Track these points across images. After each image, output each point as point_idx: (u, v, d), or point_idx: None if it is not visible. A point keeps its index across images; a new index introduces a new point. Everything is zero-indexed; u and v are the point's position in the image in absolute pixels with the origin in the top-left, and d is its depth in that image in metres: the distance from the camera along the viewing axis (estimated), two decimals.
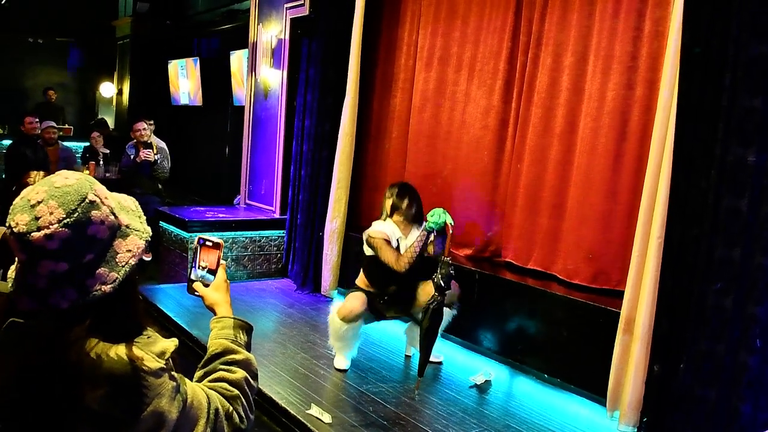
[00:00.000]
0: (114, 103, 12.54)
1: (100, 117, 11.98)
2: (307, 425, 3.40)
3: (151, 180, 6.87)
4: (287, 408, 3.56)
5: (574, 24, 4.06)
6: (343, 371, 4.12)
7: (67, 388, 1.17)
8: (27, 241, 1.18)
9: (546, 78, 4.22)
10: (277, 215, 6.68)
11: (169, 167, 7.08)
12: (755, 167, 2.91)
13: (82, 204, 1.21)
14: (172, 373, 1.29)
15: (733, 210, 2.95)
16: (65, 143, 8.15)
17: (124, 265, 1.25)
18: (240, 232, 6.32)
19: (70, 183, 1.22)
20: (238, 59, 8.41)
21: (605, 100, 3.88)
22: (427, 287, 4.08)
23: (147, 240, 1.31)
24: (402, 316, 4.32)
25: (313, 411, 3.50)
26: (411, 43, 5.36)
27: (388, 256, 3.94)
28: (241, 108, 7.66)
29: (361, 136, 5.68)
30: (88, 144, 8.95)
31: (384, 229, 4.04)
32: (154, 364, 1.23)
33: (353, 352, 4.20)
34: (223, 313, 1.62)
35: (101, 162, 8.28)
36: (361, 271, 4.21)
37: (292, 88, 6.44)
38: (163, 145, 7.10)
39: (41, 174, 2.77)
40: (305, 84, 6.06)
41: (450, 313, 4.09)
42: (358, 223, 5.67)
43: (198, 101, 9.91)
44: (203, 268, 1.66)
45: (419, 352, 3.85)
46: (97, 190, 1.25)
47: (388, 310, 4.19)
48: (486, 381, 4.12)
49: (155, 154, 6.80)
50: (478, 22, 4.73)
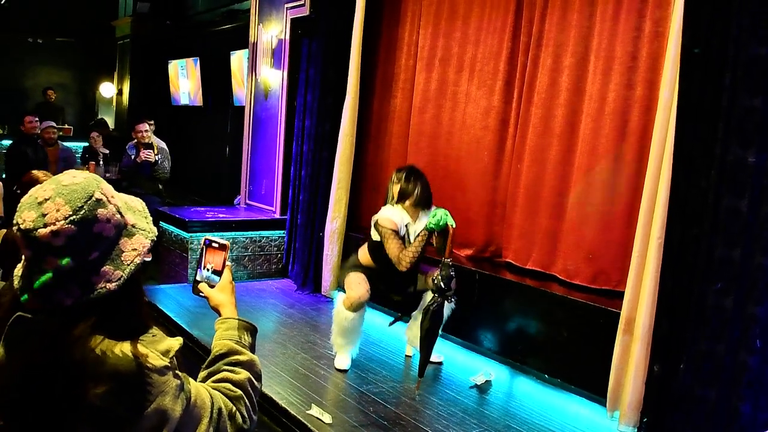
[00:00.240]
0: (114, 104, 12.54)
1: (99, 117, 11.98)
2: (308, 425, 3.40)
3: (151, 180, 6.88)
4: (287, 408, 3.56)
5: (575, 24, 4.06)
6: (344, 371, 4.12)
7: (71, 385, 1.18)
8: (33, 237, 1.19)
9: (546, 78, 4.22)
10: (277, 215, 6.68)
11: (170, 167, 7.09)
12: (755, 167, 2.91)
13: (89, 202, 1.22)
14: (176, 371, 1.29)
15: (733, 210, 2.96)
16: (65, 143, 8.15)
17: (129, 264, 1.26)
18: (240, 233, 6.32)
19: (77, 181, 1.24)
20: (238, 59, 8.41)
21: (605, 100, 3.88)
22: (429, 278, 4.08)
23: (153, 240, 1.32)
24: (402, 302, 4.27)
25: (314, 411, 3.50)
26: (411, 44, 5.36)
27: (392, 248, 3.88)
28: (242, 108, 7.67)
29: (361, 136, 5.68)
30: (87, 144, 8.96)
31: (393, 217, 3.95)
32: (158, 362, 1.24)
33: (356, 348, 4.19)
34: (228, 314, 1.63)
35: (101, 162, 8.28)
36: (366, 250, 4.14)
37: (292, 88, 6.44)
38: (164, 145, 7.11)
39: (49, 174, 2.78)
40: (305, 84, 6.06)
41: (448, 306, 4.02)
42: (359, 223, 5.68)
43: (198, 101, 9.91)
44: (209, 269, 1.66)
45: (419, 352, 3.85)
46: (104, 189, 1.27)
47: (390, 292, 4.17)
48: (486, 381, 4.12)
49: (156, 155, 6.81)
50: (479, 22, 4.73)
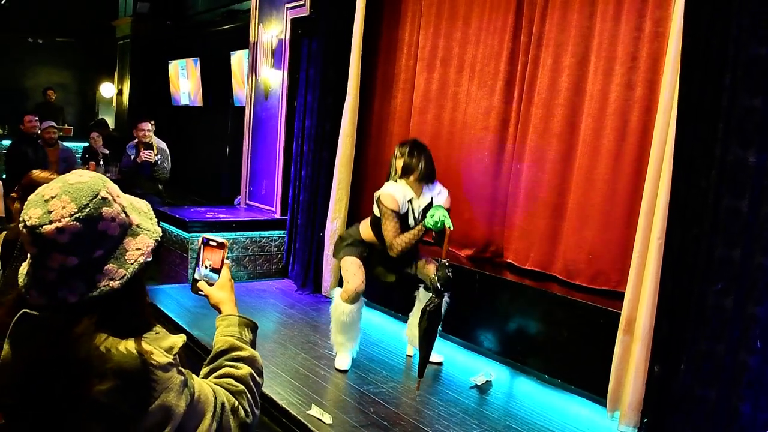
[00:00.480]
0: (114, 104, 12.54)
1: (100, 117, 11.99)
2: (308, 426, 3.40)
3: (151, 180, 6.87)
4: (288, 408, 3.56)
5: (575, 24, 4.06)
6: (344, 372, 4.12)
7: (76, 382, 1.19)
8: (39, 234, 1.20)
9: (546, 78, 4.22)
10: (277, 216, 6.68)
11: (170, 168, 7.08)
12: (755, 167, 2.91)
13: (94, 200, 1.23)
14: (180, 368, 1.31)
15: (734, 210, 2.96)
16: (65, 144, 8.15)
17: (132, 263, 1.28)
18: (240, 233, 6.31)
19: (83, 180, 1.26)
20: (238, 59, 8.41)
21: (606, 100, 3.88)
22: (429, 265, 4.10)
23: (157, 240, 1.34)
24: (395, 284, 4.24)
25: (314, 411, 3.50)
26: (412, 44, 5.35)
27: (388, 231, 3.86)
28: (242, 108, 7.67)
29: (361, 136, 5.67)
30: (87, 144, 8.96)
31: (395, 194, 3.91)
32: (162, 358, 1.26)
33: (356, 347, 4.18)
34: (229, 311, 1.64)
35: (101, 162, 8.28)
36: (368, 225, 4.11)
37: (292, 88, 6.44)
38: (164, 145, 7.11)
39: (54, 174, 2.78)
40: (306, 84, 6.06)
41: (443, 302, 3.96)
42: None
43: (198, 101, 9.92)
44: (207, 267, 1.67)
45: (419, 352, 3.85)
46: (110, 188, 1.28)
47: (386, 274, 4.15)
48: (486, 381, 4.11)
49: (155, 155, 6.81)
50: (479, 22, 4.73)
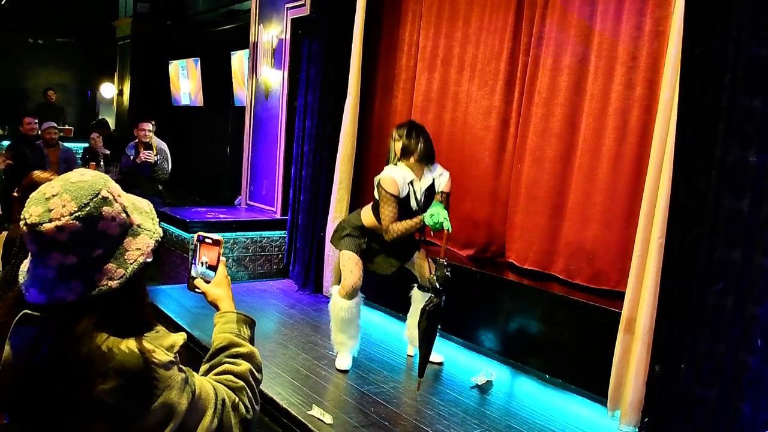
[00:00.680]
0: (114, 104, 12.54)
1: (101, 117, 11.99)
2: (309, 426, 3.39)
3: (151, 181, 6.88)
4: (288, 409, 3.56)
5: (575, 24, 4.06)
6: (345, 372, 4.12)
7: (78, 381, 1.20)
8: (38, 232, 1.20)
9: (547, 78, 4.21)
10: (278, 216, 6.68)
11: (170, 168, 7.09)
12: (755, 168, 2.91)
13: (95, 199, 1.24)
14: (181, 365, 1.32)
15: (734, 210, 2.95)
16: (66, 144, 8.15)
17: (132, 263, 1.28)
18: (241, 233, 6.31)
19: (85, 179, 1.26)
20: (239, 60, 8.40)
21: (606, 100, 3.88)
22: (424, 263, 4.12)
23: (157, 240, 1.34)
24: (393, 274, 4.21)
25: (315, 412, 3.50)
26: (412, 44, 5.35)
27: (386, 215, 3.86)
28: (242, 108, 7.66)
29: (362, 136, 5.67)
30: (87, 145, 8.96)
31: (395, 177, 3.88)
32: (164, 357, 1.26)
33: (356, 346, 4.17)
34: (226, 308, 1.65)
35: (101, 163, 8.28)
36: (370, 211, 4.08)
37: (293, 88, 6.44)
38: (164, 146, 7.11)
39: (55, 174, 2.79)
40: (306, 84, 6.06)
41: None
42: None
43: (199, 102, 9.92)
44: (204, 265, 1.67)
45: (419, 352, 3.85)
46: (111, 188, 1.29)
47: (385, 266, 4.13)
48: (487, 381, 4.11)
49: (155, 155, 6.81)
50: (480, 22, 4.73)
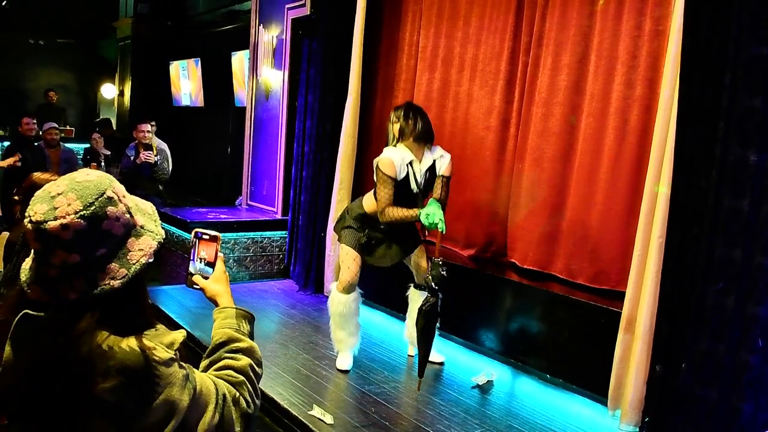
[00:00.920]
0: (115, 105, 12.55)
1: (104, 117, 12.02)
2: (309, 426, 3.39)
3: (151, 181, 6.88)
4: (289, 409, 3.56)
5: (574, 23, 4.06)
6: (346, 372, 4.11)
7: (79, 380, 1.21)
8: (43, 230, 1.21)
9: (547, 78, 4.21)
10: (279, 216, 6.68)
11: (170, 169, 7.09)
12: (756, 167, 2.90)
13: (100, 199, 1.25)
14: (181, 362, 1.32)
15: (734, 210, 2.95)
16: (67, 145, 8.16)
17: (134, 263, 1.29)
18: (242, 233, 6.31)
19: (90, 179, 1.27)
20: (239, 60, 8.41)
21: (606, 99, 3.88)
22: (421, 260, 4.13)
23: (159, 242, 1.35)
24: (392, 264, 4.18)
25: (315, 412, 3.50)
26: (412, 44, 5.35)
27: (383, 196, 3.83)
28: (243, 109, 7.67)
29: (363, 136, 5.67)
30: (89, 145, 8.96)
31: (394, 158, 3.86)
32: (164, 354, 1.27)
33: (357, 345, 4.16)
34: (225, 304, 1.65)
35: (102, 163, 8.28)
36: (372, 197, 4.05)
37: (293, 88, 6.43)
38: (164, 146, 7.11)
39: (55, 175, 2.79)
40: (306, 85, 6.06)
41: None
42: None
43: (199, 102, 9.92)
44: (202, 261, 1.68)
45: (418, 352, 3.84)
46: (116, 188, 1.30)
47: (384, 258, 4.11)
48: (488, 381, 4.10)
49: (155, 156, 6.82)
50: (480, 22, 4.73)
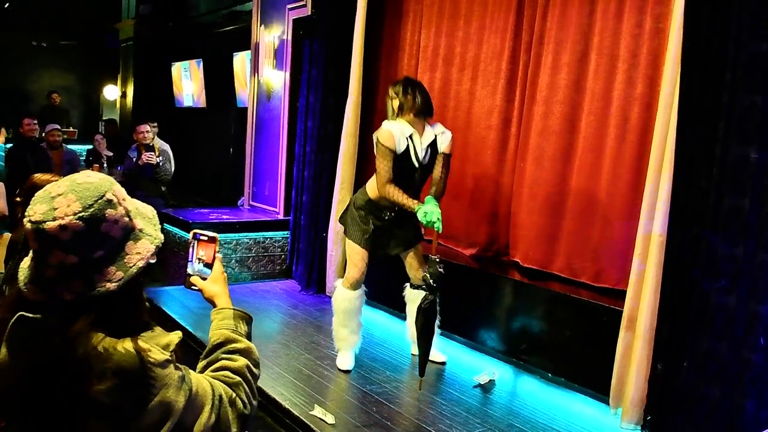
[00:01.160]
0: (118, 106, 12.57)
1: (110, 118, 12.07)
2: (311, 426, 3.39)
3: (154, 182, 6.89)
4: (291, 409, 3.56)
5: (575, 22, 4.05)
6: (347, 372, 4.11)
7: (75, 382, 1.21)
8: (41, 230, 1.22)
9: (548, 77, 4.20)
10: (280, 216, 6.68)
11: (173, 169, 7.09)
12: (756, 165, 2.89)
13: (100, 201, 1.25)
14: (177, 364, 1.32)
15: (735, 208, 2.94)
16: (70, 146, 8.17)
17: (131, 267, 1.29)
18: (244, 234, 6.32)
19: (91, 180, 1.28)
20: (241, 61, 8.41)
21: (607, 98, 3.87)
22: (414, 262, 4.13)
23: (158, 246, 1.36)
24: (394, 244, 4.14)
25: (317, 412, 3.50)
26: (413, 43, 5.35)
27: (383, 169, 3.81)
28: (245, 109, 7.66)
29: (364, 136, 5.66)
30: (91, 147, 8.98)
31: (392, 129, 3.85)
32: (159, 356, 1.27)
33: (358, 343, 4.16)
34: (223, 305, 1.66)
35: (104, 165, 8.30)
36: (375, 179, 4.00)
37: (294, 89, 6.43)
38: (167, 147, 7.12)
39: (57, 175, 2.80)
40: (307, 85, 6.05)
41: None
42: None
43: (202, 103, 9.93)
44: (200, 262, 1.69)
45: (418, 350, 3.84)
46: (116, 191, 1.30)
47: (384, 247, 4.09)
48: (490, 381, 4.10)
49: (157, 157, 6.82)
50: (481, 21, 4.72)
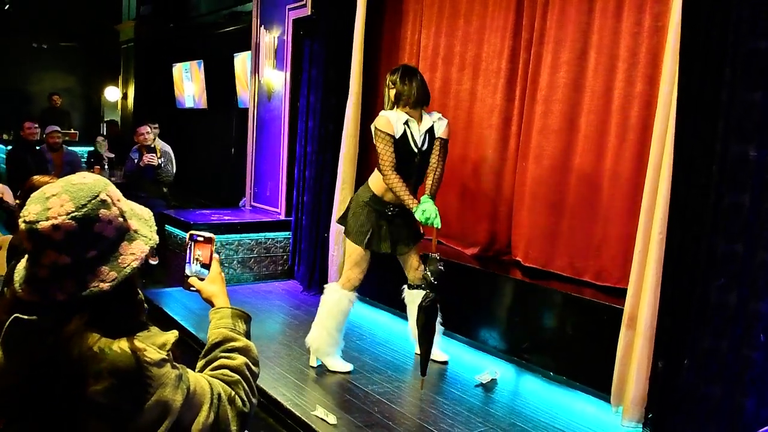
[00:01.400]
0: (119, 107, 12.59)
1: (111, 119, 12.09)
2: (312, 427, 3.40)
3: (155, 184, 6.90)
4: (292, 410, 3.57)
5: (573, 20, 4.05)
6: (347, 373, 4.11)
7: (72, 383, 1.21)
8: (34, 230, 1.23)
9: (548, 75, 4.20)
10: (282, 217, 6.69)
11: (174, 171, 7.10)
12: (756, 162, 2.89)
13: (93, 201, 1.26)
14: (174, 363, 1.33)
15: (735, 206, 2.93)
16: (71, 148, 8.19)
17: (125, 267, 1.29)
18: (245, 235, 6.32)
19: (86, 181, 1.29)
20: (242, 61, 8.42)
21: (606, 96, 3.87)
22: (414, 260, 4.13)
23: (152, 247, 1.36)
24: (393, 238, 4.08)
25: (318, 412, 3.50)
26: (413, 43, 5.35)
27: (385, 154, 3.81)
28: (246, 110, 7.66)
29: (364, 136, 5.67)
30: (93, 148, 9.00)
31: (389, 115, 3.88)
32: (156, 355, 1.28)
33: (341, 344, 4.14)
34: (221, 304, 1.66)
35: (105, 166, 8.32)
36: (377, 172, 3.98)
37: (295, 89, 6.43)
38: (168, 148, 7.13)
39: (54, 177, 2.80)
40: (308, 85, 6.05)
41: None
42: None
43: (203, 104, 9.94)
44: (197, 263, 1.70)
45: (419, 349, 3.84)
46: (111, 192, 1.31)
47: (381, 243, 4.03)
48: (492, 380, 4.10)
49: (159, 158, 6.83)
50: (480, 20, 4.72)
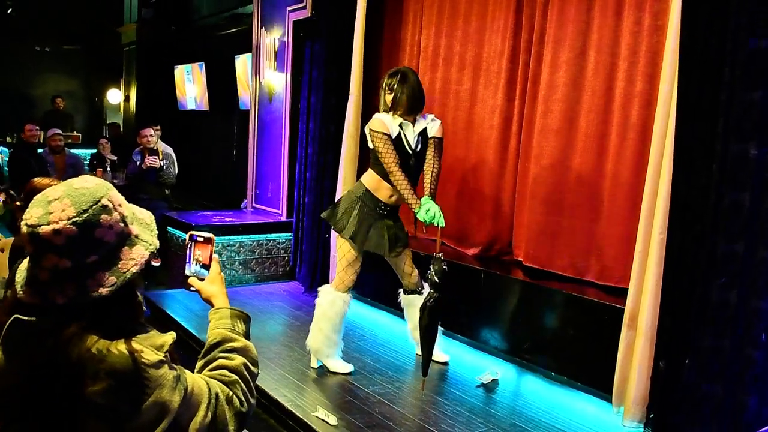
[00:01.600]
0: (121, 110, 12.61)
1: (113, 121, 12.12)
2: (313, 428, 3.40)
3: (157, 186, 6.91)
4: (293, 411, 3.57)
5: (573, 19, 4.05)
6: (348, 374, 4.11)
7: (70, 384, 1.22)
8: (36, 234, 1.24)
9: (548, 75, 4.20)
10: (284, 218, 6.70)
11: (176, 173, 7.11)
12: (756, 161, 2.88)
13: (95, 206, 1.26)
14: (171, 364, 1.33)
15: (735, 204, 2.93)
16: (74, 150, 8.20)
17: (125, 272, 1.30)
18: (247, 236, 6.34)
19: (87, 186, 1.29)
20: (243, 63, 8.42)
21: (607, 95, 3.87)
22: (407, 266, 4.14)
23: (153, 252, 1.37)
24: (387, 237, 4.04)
25: (319, 413, 3.50)
26: (414, 43, 5.35)
27: (386, 154, 3.80)
28: (247, 112, 7.67)
29: (365, 137, 5.65)
30: (95, 151, 9.02)
31: (383, 118, 3.89)
32: (153, 356, 1.28)
33: (341, 345, 4.14)
34: (220, 305, 1.67)
35: (108, 169, 8.33)
36: (371, 169, 4.03)
37: (296, 90, 6.44)
38: (170, 150, 7.14)
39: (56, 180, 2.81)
40: (309, 86, 6.06)
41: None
42: None
43: (204, 106, 9.94)
44: (197, 263, 1.70)
45: (421, 350, 3.84)
46: (112, 197, 1.31)
47: (377, 244, 4.01)
48: (493, 380, 4.10)
49: (161, 160, 6.85)
50: (480, 20, 4.72)
